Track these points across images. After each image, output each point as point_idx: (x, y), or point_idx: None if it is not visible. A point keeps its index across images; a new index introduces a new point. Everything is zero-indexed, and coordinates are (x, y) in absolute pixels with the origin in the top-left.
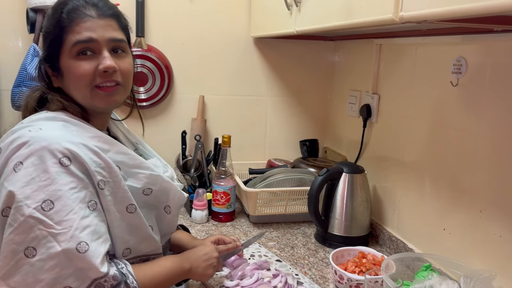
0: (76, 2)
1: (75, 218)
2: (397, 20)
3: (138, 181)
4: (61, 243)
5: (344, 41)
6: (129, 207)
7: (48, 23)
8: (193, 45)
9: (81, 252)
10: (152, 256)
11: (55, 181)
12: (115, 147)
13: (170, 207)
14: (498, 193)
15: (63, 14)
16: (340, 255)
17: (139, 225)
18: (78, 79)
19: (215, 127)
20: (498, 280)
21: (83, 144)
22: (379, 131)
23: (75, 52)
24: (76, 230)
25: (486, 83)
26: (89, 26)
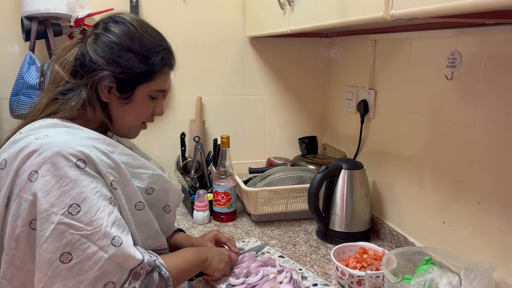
0: (172, 56)
1: (103, 216)
2: (388, 18)
3: (141, 181)
4: (96, 241)
5: (339, 38)
6: (138, 205)
7: (141, 52)
8: (188, 47)
9: (117, 246)
10: (159, 251)
11: (76, 184)
12: (118, 149)
13: (170, 206)
14: (496, 185)
15: (158, 60)
16: (342, 251)
17: (147, 222)
18: (142, 114)
19: (213, 128)
20: (498, 271)
21: (93, 146)
22: (376, 126)
23: (152, 95)
24: (107, 227)
25: (480, 75)
26: (168, 78)
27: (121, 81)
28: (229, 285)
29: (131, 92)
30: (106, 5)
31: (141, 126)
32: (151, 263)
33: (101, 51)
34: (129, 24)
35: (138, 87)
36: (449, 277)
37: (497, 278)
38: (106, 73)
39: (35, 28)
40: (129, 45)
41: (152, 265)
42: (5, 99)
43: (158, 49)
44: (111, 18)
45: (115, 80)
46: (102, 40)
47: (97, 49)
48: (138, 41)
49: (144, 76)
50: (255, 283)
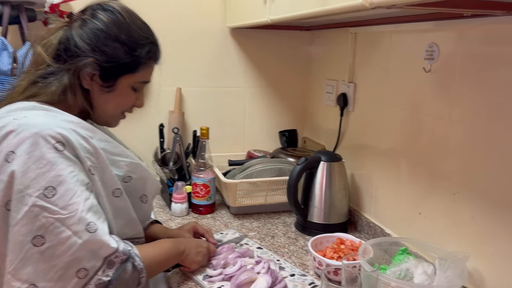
0: (159, 50)
1: (79, 201)
2: (366, 5)
3: (119, 169)
4: (70, 226)
5: (320, 31)
6: (116, 191)
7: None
8: (168, 37)
9: (91, 231)
10: (135, 240)
11: (53, 166)
12: (97, 134)
13: (147, 196)
14: (470, 176)
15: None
16: (319, 242)
17: (124, 209)
18: (124, 105)
19: (193, 119)
20: (471, 261)
21: (72, 129)
22: (355, 119)
23: (135, 86)
24: (82, 212)
25: (457, 68)
26: (152, 70)
27: (104, 70)
28: (206, 276)
29: (113, 81)
30: None
31: (121, 116)
32: (126, 252)
33: (87, 37)
34: (118, 13)
35: (122, 77)
36: (424, 266)
37: (470, 267)
38: (90, 60)
39: (8, 13)
40: (116, 35)
41: (127, 254)
42: None
43: (145, 41)
44: (100, 5)
45: (99, 68)
46: (89, 26)
47: (83, 35)
48: (125, 31)
49: (128, 67)
50: (232, 274)
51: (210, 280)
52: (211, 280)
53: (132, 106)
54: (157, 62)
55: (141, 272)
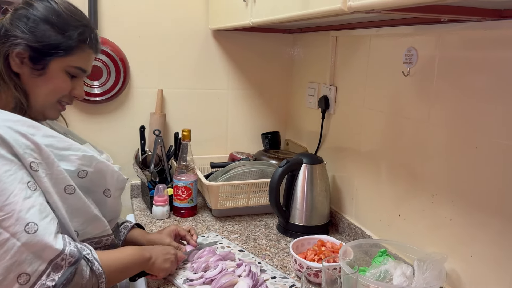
0: (93, 34)
1: (17, 200)
2: (345, 9)
3: (71, 163)
4: (8, 228)
5: (302, 34)
6: (67, 188)
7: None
8: (150, 38)
9: (31, 233)
10: (103, 238)
11: None
12: (41, 131)
13: (110, 190)
14: (448, 178)
15: (76, 35)
16: (300, 244)
17: (81, 206)
18: (57, 90)
19: (175, 121)
20: (449, 262)
21: (8, 127)
22: (337, 122)
23: (68, 71)
24: (20, 212)
25: (435, 72)
26: (90, 59)
27: (34, 50)
28: (187, 279)
29: (44, 63)
30: None
31: (57, 105)
32: (74, 254)
33: (16, 22)
34: (51, 0)
35: (53, 59)
36: (403, 268)
37: (449, 268)
38: (19, 41)
39: None
40: (46, 17)
41: (75, 256)
42: None
43: (76, 23)
44: None
45: (29, 49)
46: (20, 12)
47: (13, 20)
48: (56, 14)
49: (59, 48)
50: (213, 277)
51: (190, 284)
52: (191, 284)
53: (70, 95)
54: (92, 48)
55: (100, 277)
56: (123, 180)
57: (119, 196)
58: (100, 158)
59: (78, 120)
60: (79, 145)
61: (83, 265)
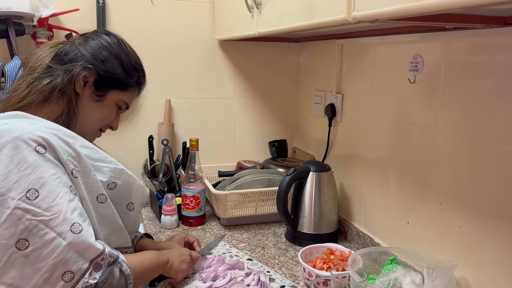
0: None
1: (63, 202)
2: (350, 20)
3: (103, 175)
4: (54, 228)
5: (308, 42)
6: (100, 197)
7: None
8: (157, 49)
9: (76, 232)
10: (123, 249)
11: (35, 169)
12: (79, 141)
13: (133, 203)
14: (456, 185)
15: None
16: (309, 252)
17: (110, 216)
18: (106, 118)
19: (183, 131)
20: (459, 269)
21: (54, 134)
22: (344, 129)
23: (119, 104)
24: (66, 212)
25: (441, 79)
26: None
27: (100, 77)
28: None
29: (105, 91)
30: (72, 5)
31: (97, 132)
32: (113, 255)
33: (90, 48)
34: (119, 39)
35: (112, 90)
36: (412, 276)
37: (458, 276)
38: (90, 66)
39: None
40: (117, 53)
41: (113, 257)
42: None
43: (139, 68)
44: (103, 30)
45: (96, 74)
46: (93, 41)
47: (87, 46)
48: (125, 53)
49: (121, 82)
50: (222, 286)
51: None
52: None
53: (108, 124)
54: (141, 91)
55: (128, 278)
56: (146, 196)
57: (140, 211)
58: (129, 172)
59: None
60: (111, 157)
61: (114, 267)
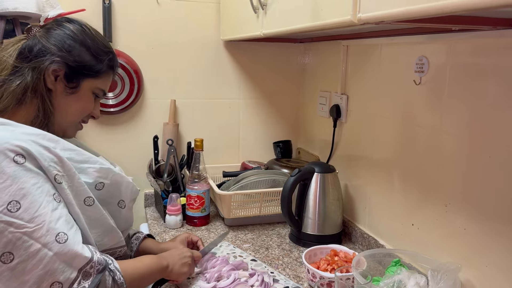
0: (117, 61)
1: (46, 211)
2: (355, 21)
3: (89, 176)
4: (39, 239)
5: (313, 43)
6: (87, 200)
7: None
8: (163, 49)
9: (61, 242)
10: (117, 249)
11: (15, 180)
12: (60, 144)
13: (124, 201)
14: (461, 187)
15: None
16: (313, 254)
17: (99, 218)
18: (85, 109)
19: (187, 131)
20: (463, 272)
21: (32, 141)
22: (348, 130)
23: (95, 92)
24: (50, 222)
25: (446, 81)
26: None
27: (70, 69)
28: None
29: (77, 82)
30: (78, 5)
31: (79, 125)
32: (101, 262)
33: (53, 40)
34: (82, 24)
35: (85, 79)
36: (417, 278)
37: (463, 278)
38: (57, 59)
39: (3, 27)
40: (82, 40)
41: (102, 264)
42: None
43: (107, 50)
44: (65, 18)
45: (65, 67)
46: (56, 32)
47: (50, 39)
48: (91, 38)
49: (92, 70)
50: (226, 287)
51: None
52: None
53: (89, 114)
54: (115, 73)
55: (122, 286)
56: (136, 192)
57: (131, 207)
58: (116, 170)
59: (93, 130)
60: (96, 157)
61: (106, 275)
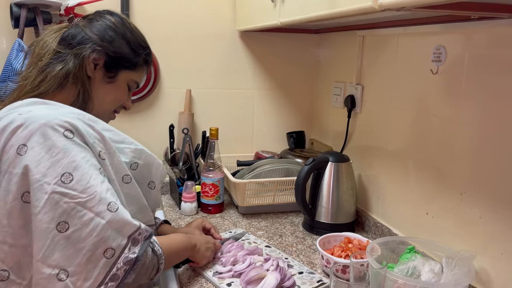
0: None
1: (96, 183)
2: (376, 7)
3: (125, 156)
4: (92, 208)
5: (328, 34)
6: (125, 178)
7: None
8: (179, 39)
9: (113, 211)
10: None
11: (66, 153)
12: (100, 124)
13: (154, 182)
14: (477, 176)
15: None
16: (327, 241)
17: (136, 195)
18: (119, 99)
19: (202, 120)
20: (478, 260)
21: (78, 118)
22: (363, 121)
23: (129, 84)
24: (101, 193)
25: (464, 71)
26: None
27: (110, 58)
28: (216, 272)
29: (115, 72)
30: None
31: (112, 114)
32: (148, 229)
33: (96, 30)
34: (123, 18)
35: (122, 71)
36: (431, 264)
37: (477, 266)
38: (98, 48)
39: (24, 15)
40: (123, 32)
41: (149, 231)
42: None
43: (145, 45)
44: (106, 10)
45: (105, 56)
46: (98, 23)
47: (92, 28)
48: (130, 32)
49: (130, 62)
50: (242, 271)
51: (220, 276)
52: (221, 277)
53: (122, 105)
54: (149, 68)
55: (160, 258)
56: (164, 174)
57: (160, 189)
58: (149, 152)
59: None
60: (131, 138)
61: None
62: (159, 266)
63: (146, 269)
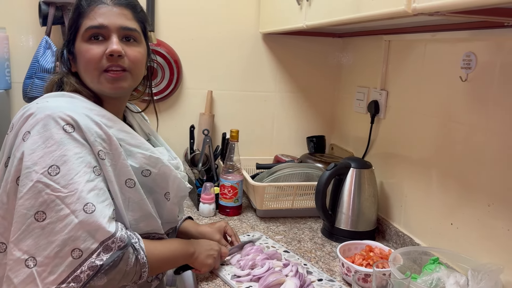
0: None
1: (80, 181)
2: (409, 11)
3: (136, 160)
4: (69, 205)
5: (353, 38)
6: (128, 182)
7: (70, 11)
8: (202, 41)
9: (88, 212)
10: (153, 235)
11: (60, 146)
12: (118, 125)
13: (170, 194)
14: (506, 187)
15: (82, 1)
16: (347, 248)
17: (139, 202)
18: (88, 61)
19: (223, 122)
20: (505, 273)
21: (85, 115)
22: (386, 127)
23: (87, 37)
24: (82, 192)
25: (495, 78)
26: (103, 12)
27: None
28: (234, 275)
29: (73, 48)
30: None
31: (104, 75)
32: (124, 239)
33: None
34: None
35: (76, 40)
36: (457, 276)
37: (505, 280)
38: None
39: (52, 13)
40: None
41: (124, 241)
42: (19, 83)
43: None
44: None
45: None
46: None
47: None
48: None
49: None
50: (260, 275)
51: (238, 280)
52: (239, 280)
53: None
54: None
55: (143, 267)
56: (184, 188)
57: (177, 203)
58: (166, 162)
59: None
60: (150, 146)
61: (129, 253)
62: (141, 274)
63: (124, 275)
